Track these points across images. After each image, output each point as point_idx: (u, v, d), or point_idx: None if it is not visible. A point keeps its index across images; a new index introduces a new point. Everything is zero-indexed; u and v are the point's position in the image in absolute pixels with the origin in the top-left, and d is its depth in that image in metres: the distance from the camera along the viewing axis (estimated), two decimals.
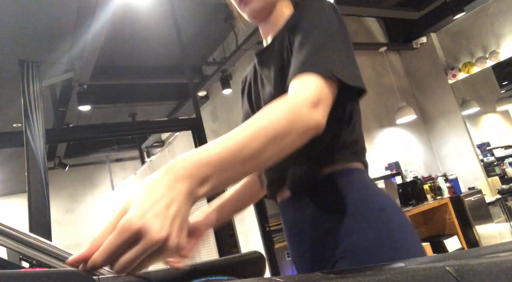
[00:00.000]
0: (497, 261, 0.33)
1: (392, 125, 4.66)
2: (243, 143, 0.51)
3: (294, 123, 0.56)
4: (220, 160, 0.50)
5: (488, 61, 4.50)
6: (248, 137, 0.52)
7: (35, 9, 3.12)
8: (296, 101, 0.59)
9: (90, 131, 3.47)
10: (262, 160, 0.53)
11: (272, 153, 0.54)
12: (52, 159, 6.16)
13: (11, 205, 7.04)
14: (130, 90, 5.14)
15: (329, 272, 0.39)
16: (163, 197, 0.44)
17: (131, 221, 0.41)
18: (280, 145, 0.55)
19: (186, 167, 0.48)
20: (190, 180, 0.47)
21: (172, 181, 0.46)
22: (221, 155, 0.50)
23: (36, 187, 2.70)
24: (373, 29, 5.09)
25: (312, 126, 0.58)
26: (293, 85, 0.64)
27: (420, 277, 0.31)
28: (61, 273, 0.39)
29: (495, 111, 4.91)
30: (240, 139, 0.52)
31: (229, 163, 0.50)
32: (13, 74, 3.38)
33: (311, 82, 0.62)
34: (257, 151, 0.52)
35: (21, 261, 0.85)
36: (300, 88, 0.62)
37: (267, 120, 0.55)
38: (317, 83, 0.62)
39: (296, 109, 0.57)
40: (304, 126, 0.57)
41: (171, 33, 3.54)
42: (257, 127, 0.54)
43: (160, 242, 0.41)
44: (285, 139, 0.55)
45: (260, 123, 0.54)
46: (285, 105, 0.58)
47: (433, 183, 4.06)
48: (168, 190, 0.45)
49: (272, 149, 0.54)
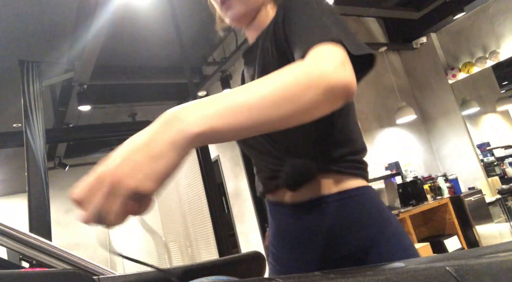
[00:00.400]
0: (497, 261, 0.33)
1: (392, 125, 4.66)
2: (252, 90, 0.46)
3: (314, 79, 0.48)
4: (221, 103, 0.44)
5: (488, 61, 4.50)
6: (257, 86, 0.46)
7: (35, 9, 3.12)
8: (317, 60, 0.52)
9: (90, 131, 3.47)
10: (274, 115, 0.46)
11: (289, 110, 0.47)
12: (52, 159, 6.16)
13: (11, 205, 7.04)
14: (130, 90, 5.14)
15: (329, 272, 0.39)
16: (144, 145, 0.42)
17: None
18: (297, 103, 0.47)
19: (180, 111, 0.43)
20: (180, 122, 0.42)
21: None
22: (221, 99, 0.45)
23: (36, 187, 2.70)
24: (373, 29, 5.10)
25: (340, 84, 0.50)
26: (309, 53, 0.56)
27: (420, 277, 0.31)
28: (61, 273, 0.39)
29: (495, 111, 4.91)
30: (245, 88, 0.46)
31: (232, 108, 0.44)
32: (13, 74, 3.38)
33: (327, 47, 0.55)
34: (269, 101, 0.45)
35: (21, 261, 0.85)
36: (319, 52, 0.55)
37: (287, 78, 0.48)
38: (333, 47, 0.55)
39: (318, 67, 0.50)
40: (327, 86, 0.49)
41: (171, 33, 3.54)
42: (270, 80, 0.48)
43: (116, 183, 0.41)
44: (305, 96, 0.47)
45: (278, 80, 0.48)
46: (303, 65, 0.51)
47: (433, 183, 4.06)
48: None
49: (290, 106, 0.46)
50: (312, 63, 0.52)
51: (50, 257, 0.71)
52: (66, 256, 0.74)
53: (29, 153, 2.75)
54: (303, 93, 0.47)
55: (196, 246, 4.00)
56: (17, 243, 0.70)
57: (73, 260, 0.76)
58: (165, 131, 0.42)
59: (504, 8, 4.33)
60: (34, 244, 0.72)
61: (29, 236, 0.72)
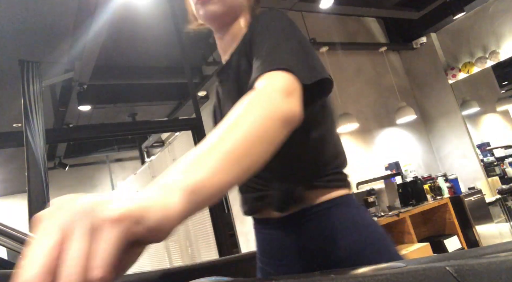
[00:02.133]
0: (497, 261, 0.33)
1: (392, 125, 4.66)
2: (235, 148, 0.43)
3: (273, 116, 0.49)
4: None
5: (488, 61, 4.50)
6: (236, 139, 0.44)
7: (35, 9, 3.12)
8: (267, 92, 0.53)
9: (90, 131, 3.47)
10: (257, 157, 0.46)
11: (262, 148, 0.47)
12: (52, 159, 6.16)
13: (11, 205, 7.04)
14: (130, 90, 5.14)
15: (329, 272, 0.39)
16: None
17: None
18: (267, 140, 0.48)
19: (181, 179, 0.38)
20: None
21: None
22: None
23: (36, 187, 2.70)
24: (373, 29, 5.09)
25: (289, 116, 0.51)
26: (258, 83, 0.57)
27: (420, 277, 0.31)
28: None
29: (495, 111, 4.90)
30: (229, 144, 0.44)
31: (227, 168, 0.41)
32: (13, 74, 3.38)
33: (276, 76, 0.57)
34: (248, 150, 0.45)
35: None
36: (267, 81, 0.56)
37: (246, 118, 0.48)
38: (283, 76, 0.57)
39: (270, 100, 0.51)
40: (282, 117, 0.50)
41: (171, 33, 3.54)
42: (237, 128, 0.46)
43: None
44: (270, 132, 0.48)
45: (240, 122, 0.47)
46: (258, 99, 0.51)
47: (433, 183, 4.06)
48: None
49: (260, 145, 0.46)
50: (263, 95, 0.52)
51: None
52: None
53: (29, 153, 2.75)
54: (267, 132, 0.48)
55: (196, 246, 3.99)
56: (17, 243, 0.70)
57: None
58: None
59: (504, 8, 4.33)
60: None
61: (29, 236, 0.72)
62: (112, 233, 0.29)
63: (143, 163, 5.97)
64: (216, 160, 0.41)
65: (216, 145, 0.43)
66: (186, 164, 0.40)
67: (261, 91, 0.54)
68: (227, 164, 0.41)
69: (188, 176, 0.38)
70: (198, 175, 0.39)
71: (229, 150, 0.42)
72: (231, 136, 0.44)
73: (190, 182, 0.37)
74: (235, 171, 0.42)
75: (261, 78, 0.57)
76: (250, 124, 0.46)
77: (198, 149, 0.43)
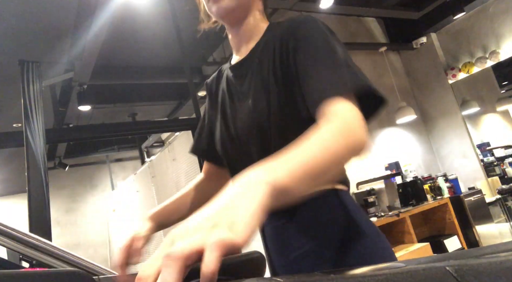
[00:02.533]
0: (497, 261, 0.33)
1: (392, 125, 4.66)
2: (315, 161, 0.51)
3: (349, 143, 0.56)
4: (301, 171, 0.49)
5: (488, 61, 4.50)
6: (317, 155, 0.52)
7: (35, 9, 3.12)
8: (347, 121, 0.59)
9: (90, 131, 3.47)
10: (327, 176, 0.54)
11: (334, 169, 0.55)
12: (52, 159, 6.16)
13: (11, 205, 7.04)
14: (130, 90, 5.14)
15: (329, 272, 0.39)
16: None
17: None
18: (340, 163, 0.55)
19: (266, 175, 0.45)
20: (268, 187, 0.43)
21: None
22: (302, 168, 0.49)
23: (36, 187, 2.70)
24: (373, 29, 5.09)
25: (363, 145, 0.58)
26: (330, 108, 0.62)
27: (420, 277, 0.31)
28: (61, 273, 0.39)
29: (495, 111, 4.91)
30: (310, 157, 0.51)
31: (304, 177, 0.49)
32: (13, 74, 3.38)
33: (347, 103, 0.61)
34: (325, 168, 0.52)
35: (21, 261, 0.85)
36: (343, 109, 0.61)
37: (329, 139, 0.55)
38: (351, 103, 0.62)
39: (351, 129, 0.57)
40: (357, 146, 0.57)
41: (171, 33, 3.54)
42: (322, 146, 0.53)
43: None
44: (344, 158, 0.55)
45: (323, 142, 0.54)
46: (340, 125, 0.58)
47: (433, 183, 4.06)
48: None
49: (335, 167, 0.54)
50: (342, 123, 0.58)
51: (50, 257, 0.71)
52: (66, 256, 0.74)
53: (29, 153, 2.75)
54: (343, 156, 0.55)
55: None
56: (17, 243, 0.70)
57: (73, 260, 0.76)
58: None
59: (504, 8, 4.33)
60: (34, 244, 0.72)
61: (29, 236, 0.72)
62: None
63: (143, 163, 5.98)
64: (302, 172, 0.49)
65: (306, 161, 0.50)
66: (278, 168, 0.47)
67: (344, 120, 0.59)
68: (308, 177, 0.49)
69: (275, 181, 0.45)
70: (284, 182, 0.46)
71: (313, 167, 0.50)
72: (318, 156, 0.52)
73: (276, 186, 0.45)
74: (312, 183, 0.51)
75: (331, 103, 0.61)
76: (334, 151, 0.54)
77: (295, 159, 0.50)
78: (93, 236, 7.37)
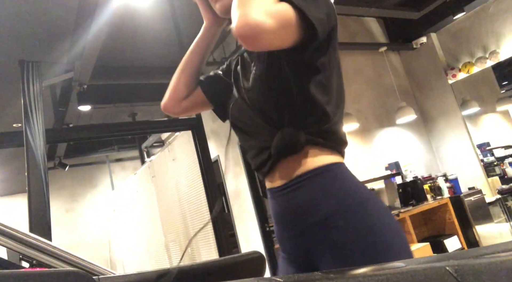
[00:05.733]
0: (497, 261, 0.33)
1: (392, 125, 4.66)
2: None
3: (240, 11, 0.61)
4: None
5: (488, 61, 4.49)
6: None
7: (35, 9, 3.12)
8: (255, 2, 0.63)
9: (90, 131, 3.47)
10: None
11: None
12: (52, 159, 6.15)
13: (11, 205, 7.04)
14: (130, 90, 5.14)
15: (329, 272, 0.39)
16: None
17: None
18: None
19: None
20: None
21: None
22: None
23: (36, 187, 2.70)
24: (373, 29, 5.09)
25: (250, 25, 0.60)
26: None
27: (420, 277, 0.31)
28: (61, 273, 0.39)
29: (495, 111, 4.90)
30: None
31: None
32: (13, 74, 3.38)
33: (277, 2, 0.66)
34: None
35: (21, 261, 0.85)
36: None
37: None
38: (282, 4, 0.66)
39: (249, 6, 0.61)
40: (242, 23, 0.61)
41: (171, 33, 3.53)
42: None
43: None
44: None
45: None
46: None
47: (433, 183, 4.06)
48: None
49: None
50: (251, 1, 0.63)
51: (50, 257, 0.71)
52: (66, 256, 0.74)
53: (29, 153, 2.75)
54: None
55: (196, 246, 4.00)
56: (17, 243, 0.70)
57: (73, 260, 0.76)
58: None
59: (504, 8, 4.33)
60: (34, 244, 0.72)
61: (29, 236, 0.72)
62: None
63: (143, 163, 5.97)
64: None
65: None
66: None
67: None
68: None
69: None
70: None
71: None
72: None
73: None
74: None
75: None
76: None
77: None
78: (93, 236, 7.37)
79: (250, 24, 0.60)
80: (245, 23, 0.60)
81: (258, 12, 0.60)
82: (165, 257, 4.74)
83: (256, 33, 0.61)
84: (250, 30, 0.60)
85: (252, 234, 4.39)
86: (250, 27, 0.60)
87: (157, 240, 4.94)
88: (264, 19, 0.60)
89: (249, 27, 0.60)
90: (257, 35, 0.61)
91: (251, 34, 0.61)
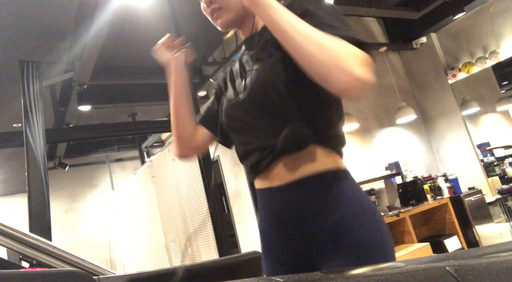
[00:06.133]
0: (497, 261, 0.33)
1: (392, 125, 4.66)
2: (296, 24, 0.69)
3: (333, 55, 0.66)
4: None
5: (488, 61, 4.49)
6: (303, 27, 0.68)
7: (35, 9, 3.12)
8: (351, 50, 0.69)
9: (90, 131, 3.47)
10: (291, 45, 0.69)
11: (300, 52, 0.68)
12: (52, 159, 6.15)
13: (11, 205, 7.04)
14: (130, 90, 5.14)
15: (329, 272, 0.39)
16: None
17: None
18: (310, 56, 0.66)
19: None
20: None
21: None
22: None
23: (36, 187, 2.70)
24: (373, 29, 5.09)
25: (355, 77, 0.66)
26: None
27: (420, 277, 0.31)
28: (61, 273, 0.39)
29: (495, 111, 4.90)
30: (297, 22, 0.69)
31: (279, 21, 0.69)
32: (13, 74, 3.38)
33: (351, 45, 0.71)
34: (296, 37, 0.68)
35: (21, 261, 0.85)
36: (347, 44, 0.70)
37: (322, 36, 0.67)
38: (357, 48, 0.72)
39: (349, 52, 0.68)
40: (335, 63, 0.66)
41: (171, 33, 3.53)
42: (312, 31, 0.69)
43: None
44: (318, 58, 0.66)
45: (315, 32, 0.68)
46: (339, 42, 0.69)
47: (433, 183, 4.06)
48: None
49: (303, 50, 0.67)
50: (349, 47, 0.69)
51: (50, 257, 0.71)
52: (66, 256, 0.74)
53: (29, 153, 2.75)
54: (318, 54, 0.67)
55: (196, 246, 4.00)
56: (17, 243, 0.70)
57: (73, 260, 0.76)
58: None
59: (504, 8, 4.33)
60: (34, 244, 0.72)
61: (29, 236, 0.72)
62: None
63: (143, 163, 5.97)
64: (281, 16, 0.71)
65: (291, 21, 0.70)
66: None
67: (347, 47, 0.69)
68: (281, 24, 0.70)
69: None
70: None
71: (290, 25, 0.69)
72: (302, 28, 0.69)
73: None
74: (294, 35, 0.69)
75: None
76: (316, 42, 0.67)
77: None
78: (93, 236, 7.37)
79: (359, 82, 0.66)
80: (353, 82, 0.66)
81: (357, 66, 0.67)
82: (165, 257, 4.74)
83: (366, 88, 0.67)
84: (362, 87, 0.67)
85: (252, 234, 4.40)
86: (362, 85, 0.67)
87: (157, 240, 4.94)
88: (365, 74, 0.67)
89: (361, 84, 0.67)
90: (367, 90, 0.67)
91: (361, 90, 0.67)
